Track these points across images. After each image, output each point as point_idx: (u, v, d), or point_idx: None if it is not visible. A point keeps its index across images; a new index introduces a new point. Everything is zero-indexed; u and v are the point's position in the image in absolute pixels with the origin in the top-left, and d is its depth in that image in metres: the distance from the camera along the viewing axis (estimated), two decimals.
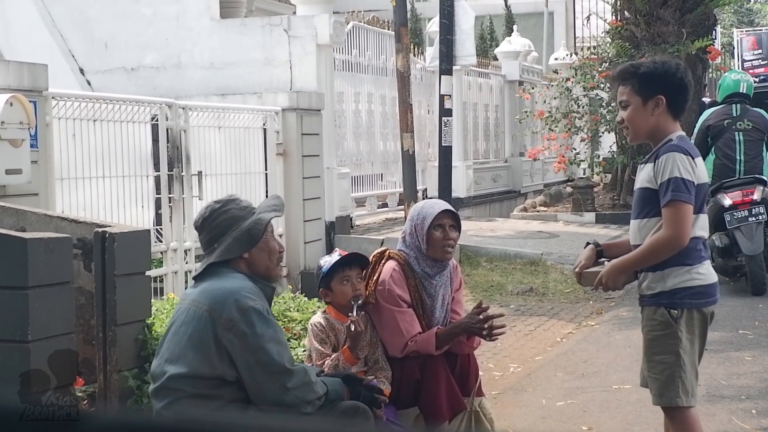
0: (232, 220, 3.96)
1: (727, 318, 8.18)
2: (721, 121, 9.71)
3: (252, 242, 3.95)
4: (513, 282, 9.79)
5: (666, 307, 4.07)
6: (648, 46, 13.53)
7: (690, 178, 4.01)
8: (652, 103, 4.12)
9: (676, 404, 4.10)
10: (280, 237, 9.07)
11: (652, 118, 4.13)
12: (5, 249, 4.23)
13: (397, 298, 4.67)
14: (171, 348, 3.85)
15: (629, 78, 4.17)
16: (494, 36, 23.73)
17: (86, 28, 11.13)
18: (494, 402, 5.81)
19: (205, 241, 4.03)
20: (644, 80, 4.13)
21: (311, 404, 3.87)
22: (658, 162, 4.05)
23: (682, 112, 4.21)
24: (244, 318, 3.76)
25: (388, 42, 12.72)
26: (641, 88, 4.13)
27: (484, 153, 16.72)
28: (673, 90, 4.13)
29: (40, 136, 6.39)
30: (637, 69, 4.18)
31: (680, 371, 4.08)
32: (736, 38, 27.66)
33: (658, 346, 4.10)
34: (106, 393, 4.80)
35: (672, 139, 4.11)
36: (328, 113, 10.26)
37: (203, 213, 4.05)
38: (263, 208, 4.07)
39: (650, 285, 4.12)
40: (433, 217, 4.70)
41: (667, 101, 4.12)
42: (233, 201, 4.05)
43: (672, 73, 4.14)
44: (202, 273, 3.96)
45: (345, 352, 4.53)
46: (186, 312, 3.85)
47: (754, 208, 9.19)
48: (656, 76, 4.13)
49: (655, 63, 4.21)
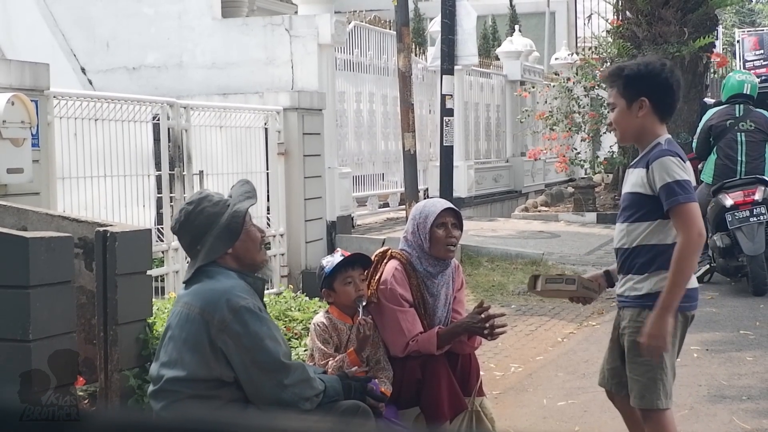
0: (209, 219, 3.90)
1: (728, 318, 8.18)
2: (724, 122, 9.71)
3: (233, 237, 3.90)
4: (514, 282, 9.79)
5: (651, 309, 4.01)
6: (649, 45, 13.52)
7: (686, 178, 4.02)
8: (637, 105, 4.10)
9: (656, 407, 4.08)
10: (281, 236, 9.08)
11: (637, 120, 4.11)
12: (6, 248, 4.23)
13: (399, 298, 4.66)
14: (168, 352, 3.84)
15: (615, 80, 4.17)
16: (497, 36, 23.72)
17: (88, 28, 11.14)
18: (495, 402, 5.81)
19: (186, 244, 3.99)
20: (628, 82, 4.12)
21: (309, 401, 3.85)
22: (651, 168, 4.02)
23: (669, 114, 4.19)
24: (236, 318, 3.74)
25: (390, 42, 12.71)
26: (625, 90, 4.13)
27: (486, 153, 16.72)
28: (657, 91, 4.11)
29: (42, 135, 6.39)
30: (622, 71, 4.17)
31: (662, 374, 4.06)
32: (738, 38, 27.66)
33: (640, 347, 4.08)
34: (107, 392, 4.80)
35: (660, 143, 4.09)
36: (330, 113, 10.26)
37: (178, 218, 3.98)
38: (236, 198, 3.99)
39: (635, 286, 4.10)
40: (436, 216, 4.69)
41: (652, 103, 4.09)
42: (205, 198, 3.97)
43: (656, 74, 4.11)
44: (191, 276, 3.93)
45: (351, 354, 4.52)
46: (179, 315, 3.84)
47: (756, 208, 9.18)
48: (639, 77, 4.11)
49: (639, 64, 4.19)
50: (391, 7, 11.09)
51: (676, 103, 4.20)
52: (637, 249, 4.10)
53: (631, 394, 4.15)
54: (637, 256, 4.10)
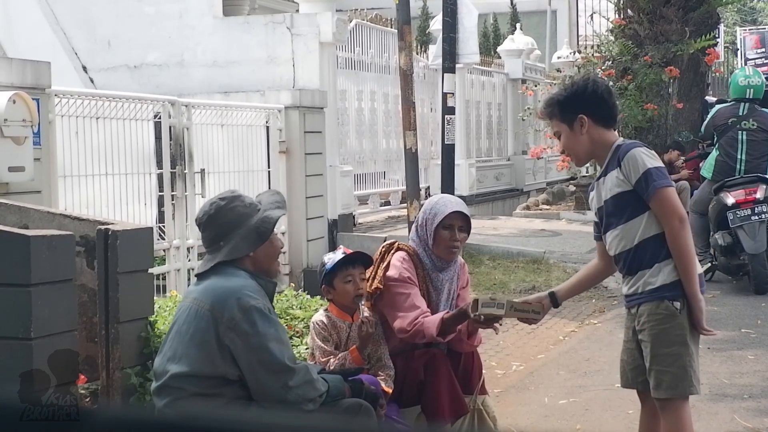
0: (239, 218, 3.92)
1: (729, 317, 8.18)
2: (727, 120, 9.74)
3: (260, 241, 3.93)
4: (516, 280, 9.79)
5: (669, 299, 4.09)
6: (651, 44, 13.50)
7: (659, 164, 4.12)
8: (577, 123, 4.21)
9: (690, 393, 4.13)
10: (282, 234, 9.07)
11: (584, 138, 4.22)
12: (8, 246, 4.23)
13: (407, 280, 4.67)
14: (173, 346, 3.84)
15: (551, 110, 4.30)
16: (499, 34, 23.70)
17: (89, 26, 11.14)
18: (497, 400, 5.81)
19: (210, 238, 3.97)
20: (561, 107, 4.26)
21: (313, 402, 3.86)
22: (624, 164, 4.10)
23: (612, 120, 4.32)
24: (246, 317, 3.74)
25: (391, 40, 12.70)
26: (562, 115, 4.25)
27: (487, 151, 16.71)
28: (590, 105, 4.21)
29: (43, 133, 6.39)
30: (552, 100, 4.31)
31: (690, 360, 4.11)
32: (740, 37, 27.63)
33: (665, 338, 4.11)
34: (108, 390, 4.80)
35: (618, 145, 4.19)
36: (331, 111, 10.26)
37: (208, 210, 3.97)
38: (267, 206, 4.02)
39: (648, 280, 4.12)
40: (444, 216, 4.68)
41: (590, 116, 4.20)
42: (238, 198, 4.00)
43: (582, 90, 4.24)
44: (206, 270, 3.95)
45: (353, 352, 4.52)
46: (188, 310, 3.84)
47: (757, 206, 9.19)
48: (569, 99, 4.24)
49: (564, 88, 4.34)
50: (392, 5, 11.07)
51: (615, 108, 4.36)
52: (641, 245, 4.12)
53: (658, 388, 4.14)
54: (643, 251, 4.13)
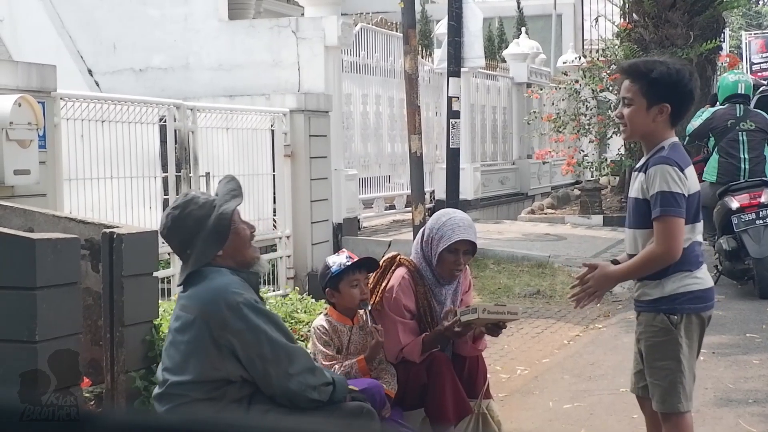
0: (196, 222, 3.85)
1: (734, 321, 8.17)
2: (726, 122, 9.75)
3: (222, 240, 3.86)
4: (520, 284, 9.78)
5: (665, 312, 4.02)
6: (656, 48, 13.51)
7: (679, 191, 3.92)
8: (657, 109, 3.99)
9: (677, 410, 4.06)
10: (288, 239, 9.08)
11: (652, 124, 4.02)
12: (13, 249, 4.23)
13: (402, 308, 4.68)
14: (171, 356, 3.84)
15: (639, 78, 4.03)
16: (504, 38, 23.71)
17: (94, 30, 11.15)
18: (501, 404, 5.81)
19: (176, 249, 3.96)
20: (654, 85, 3.99)
21: (317, 390, 3.82)
22: (648, 173, 3.96)
23: (681, 120, 4.16)
24: (235, 315, 3.73)
25: (396, 44, 12.71)
26: (649, 92, 3.99)
27: (492, 155, 16.71)
28: (681, 100, 4.02)
29: (49, 136, 6.40)
30: (649, 71, 4.01)
31: (681, 377, 4.04)
32: (745, 41, 27.60)
33: (659, 352, 4.07)
34: (113, 394, 4.81)
35: (663, 147, 4.00)
36: (336, 115, 10.26)
37: (165, 223, 3.94)
38: (223, 198, 3.92)
39: (647, 291, 4.07)
40: (450, 242, 4.68)
41: (671, 110, 4.01)
42: (191, 201, 3.91)
43: (684, 84, 4.01)
44: (186, 279, 3.91)
45: (361, 362, 4.52)
46: (179, 319, 3.83)
47: (762, 210, 9.18)
48: (667, 84, 3.98)
49: (669, 69, 4.02)
50: (397, 9, 11.08)
51: (690, 110, 4.19)
52: None
53: (652, 399, 4.13)
54: None
